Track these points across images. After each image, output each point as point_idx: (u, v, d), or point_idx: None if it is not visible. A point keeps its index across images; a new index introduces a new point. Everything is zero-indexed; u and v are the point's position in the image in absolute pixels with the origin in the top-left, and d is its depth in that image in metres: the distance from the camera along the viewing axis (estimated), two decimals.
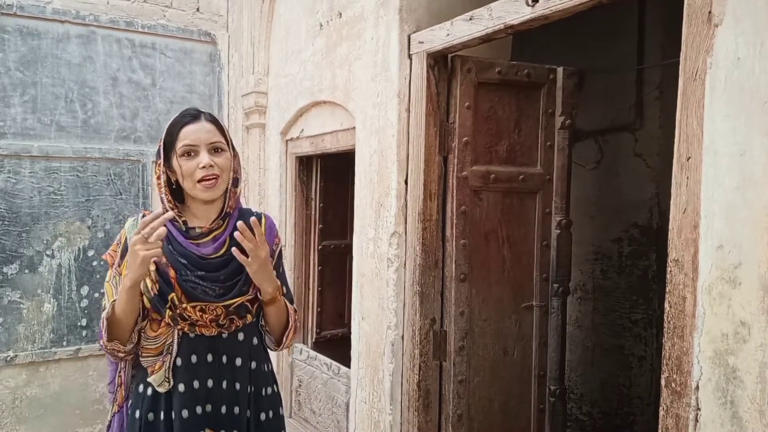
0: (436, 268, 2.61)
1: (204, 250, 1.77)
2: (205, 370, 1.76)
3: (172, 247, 1.75)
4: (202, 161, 1.71)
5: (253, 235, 1.70)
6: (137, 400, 1.78)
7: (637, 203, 3.82)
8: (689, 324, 1.52)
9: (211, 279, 1.75)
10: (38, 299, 3.49)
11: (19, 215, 3.41)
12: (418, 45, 2.55)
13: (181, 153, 1.72)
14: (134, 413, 1.78)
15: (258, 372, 1.86)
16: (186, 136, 1.72)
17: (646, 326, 3.78)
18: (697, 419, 1.49)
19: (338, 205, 3.76)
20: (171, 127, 1.77)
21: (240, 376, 1.81)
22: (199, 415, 1.74)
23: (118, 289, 1.72)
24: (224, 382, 1.78)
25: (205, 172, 1.71)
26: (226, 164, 1.77)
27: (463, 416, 2.60)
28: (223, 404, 1.78)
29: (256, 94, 3.73)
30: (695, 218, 1.52)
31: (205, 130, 1.75)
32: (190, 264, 1.74)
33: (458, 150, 2.56)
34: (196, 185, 1.73)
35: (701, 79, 1.51)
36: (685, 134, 1.56)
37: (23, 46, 3.40)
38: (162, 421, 1.74)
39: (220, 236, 1.81)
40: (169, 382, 1.73)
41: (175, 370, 1.74)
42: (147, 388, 1.76)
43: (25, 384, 3.48)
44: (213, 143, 1.74)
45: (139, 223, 1.70)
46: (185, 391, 1.74)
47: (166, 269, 1.72)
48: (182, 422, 1.72)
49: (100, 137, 3.61)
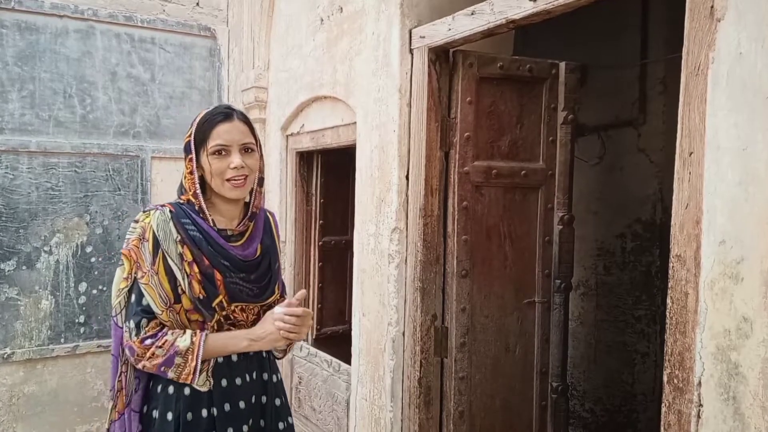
0: (437, 264, 2.59)
1: (241, 252, 1.79)
2: (243, 366, 1.79)
3: (214, 248, 1.74)
4: (234, 162, 1.72)
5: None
6: (168, 402, 1.73)
7: (640, 199, 3.80)
8: (691, 320, 1.51)
9: (248, 280, 1.78)
10: (36, 296, 3.47)
11: (16, 211, 3.39)
12: (419, 40, 2.53)
13: (213, 151, 1.72)
14: (165, 415, 1.73)
15: (272, 361, 1.93)
16: (219, 136, 1.73)
17: (649, 322, 3.77)
18: (699, 415, 1.47)
19: (339, 201, 3.74)
20: (202, 124, 1.75)
21: (265, 366, 1.87)
22: (242, 409, 1.77)
23: (158, 291, 1.69)
24: (254, 373, 1.83)
25: (236, 173, 1.72)
26: (256, 165, 1.79)
27: (464, 413, 2.59)
28: (254, 394, 1.82)
29: (257, 89, 3.71)
30: (697, 214, 1.50)
31: (239, 130, 1.76)
32: (233, 266, 1.75)
33: (460, 145, 2.54)
34: (224, 183, 1.73)
35: (704, 74, 1.49)
36: (687, 129, 1.55)
37: (21, 40, 3.38)
38: (204, 418, 1.73)
39: (252, 239, 1.84)
40: (211, 382, 1.73)
41: (216, 368, 1.75)
42: (182, 389, 1.72)
43: (23, 381, 3.46)
44: (245, 144, 1.76)
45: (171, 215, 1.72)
46: (228, 386, 1.76)
47: (211, 271, 1.71)
48: (225, 417, 1.74)
49: (98, 133, 3.59)
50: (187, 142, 1.77)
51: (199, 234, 1.73)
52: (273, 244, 1.90)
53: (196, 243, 1.72)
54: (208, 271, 1.71)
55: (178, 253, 1.69)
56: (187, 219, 1.74)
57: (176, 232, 1.70)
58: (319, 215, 3.67)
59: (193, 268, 1.69)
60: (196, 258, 1.70)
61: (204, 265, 1.70)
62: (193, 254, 1.70)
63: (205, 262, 1.71)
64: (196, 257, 1.70)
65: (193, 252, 1.70)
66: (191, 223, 1.74)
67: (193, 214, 1.75)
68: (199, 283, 1.69)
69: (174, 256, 1.69)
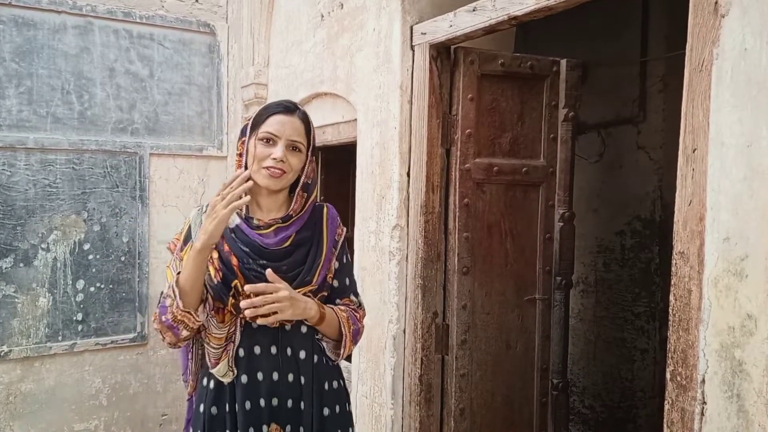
0: (438, 261, 2.59)
1: (267, 240, 1.75)
2: (268, 362, 1.74)
3: (235, 235, 1.74)
4: (276, 153, 1.70)
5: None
6: (201, 394, 1.78)
7: (640, 196, 3.80)
8: (695, 317, 1.51)
9: (273, 269, 1.70)
10: (33, 293, 3.46)
11: (14, 208, 3.38)
12: (420, 36, 2.52)
13: (261, 138, 1.72)
14: (198, 407, 1.77)
15: (321, 365, 1.82)
16: (271, 124, 1.73)
17: (648, 319, 3.77)
18: (702, 413, 1.47)
19: (339, 198, 3.72)
20: (263, 110, 1.78)
21: (304, 369, 1.78)
22: (263, 408, 1.73)
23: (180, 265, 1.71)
24: (290, 375, 1.76)
25: (274, 164, 1.70)
26: (298, 165, 1.76)
27: (465, 410, 2.58)
28: (289, 398, 1.76)
29: (256, 86, 3.69)
30: (701, 210, 1.50)
31: (293, 126, 1.74)
32: (253, 252, 1.72)
33: (461, 142, 2.54)
34: (261, 170, 1.71)
35: (707, 70, 1.48)
36: (690, 126, 1.54)
37: (18, 36, 3.36)
38: (227, 413, 1.73)
39: (285, 229, 1.78)
40: (234, 372, 1.72)
41: (238, 361, 1.73)
42: (210, 381, 1.75)
43: (20, 379, 3.45)
44: (294, 140, 1.74)
45: (206, 209, 1.71)
46: (248, 382, 1.73)
47: (229, 257, 1.71)
48: (245, 414, 1.71)
49: (96, 129, 3.57)
50: (244, 126, 1.80)
51: None
52: (317, 235, 1.82)
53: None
54: (227, 256, 1.71)
55: None
56: None
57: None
58: None
59: (212, 254, 1.69)
60: (217, 245, 1.70)
61: (224, 252, 1.71)
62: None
63: (225, 248, 1.72)
64: (218, 245, 1.70)
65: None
66: None
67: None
68: (217, 269, 1.69)
69: None
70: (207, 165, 3.85)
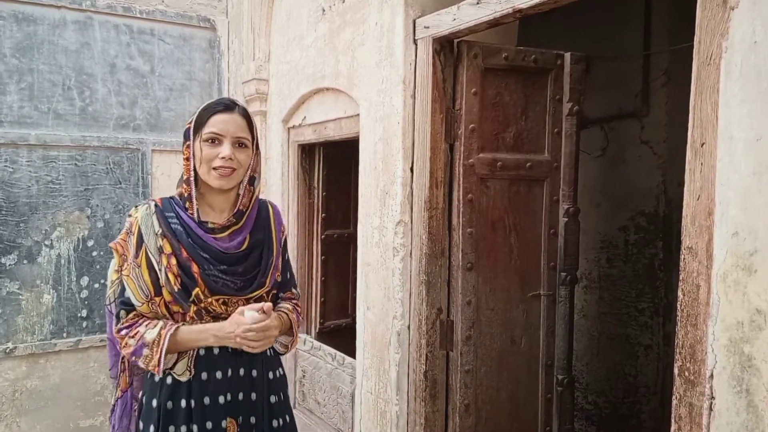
0: (442, 257, 2.57)
1: (224, 244, 1.78)
2: (225, 360, 1.79)
3: (193, 240, 1.75)
4: (224, 152, 1.73)
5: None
6: (153, 389, 1.79)
7: (643, 191, 3.78)
8: (703, 312, 1.50)
9: (231, 273, 1.77)
10: (37, 290, 3.45)
11: (16, 205, 3.36)
12: (423, 30, 2.51)
13: (206, 138, 1.74)
14: (150, 402, 1.78)
15: (267, 357, 1.90)
16: (215, 124, 1.74)
17: (652, 315, 3.76)
18: (711, 408, 1.46)
19: (341, 194, 3.72)
20: (203, 112, 1.78)
21: (256, 362, 1.85)
22: (221, 404, 1.77)
23: (139, 283, 1.73)
24: (241, 369, 1.82)
25: (223, 163, 1.73)
26: (246, 161, 1.79)
27: (470, 406, 2.58)
28: (241, 391, 1.81)
29: (257, 81, 3.68)
30: (709, 205, 1.48)
31: (236, 122, 1.76)
32: (213, 258, 1.75)
33: (465, 137, 2.52)
34: (210, 172, 1.74)
35: (716, 63, 1.47)
36: (699, 120, 1.52)
37: (19, 32, 3.34)
38: (183, 408, 1.75)
39: (239, 232, 1.83)
40: (191, 372, 1.75)
41: (198, 360, 1.76)
42: (165, 377, 1.77)
43: (25, 376, 3.45)
44: (239, 137, 1.76)
45: (154, 208, 1.77)
46: (207, 380, 1.77)
47: (189, 263, 1.72)
48: (203, 410, 1.74)
49: (98, 125, 3.55)
50: (187, 129, 1.80)
51: (180, 226, 1.75)
52: (267, 236, 1.89)
53: (176, 235, 1.74)
54: (186, 263, 1.72)
55: (157, 246, 1.73)
56: (171, 212, 1.78)
57: (158, 225, 1.74)
58: (321, 208, 3.64)
59: (170, 260, 1.71)
60: (174, 250, 1.72)
61: (182, 257, 1.72)
62: (172, 246, 1.72)
63: (184, 254, 1.72)
64: (175, 249, 1.72)
65: (172, 244, 1.73)
66: (174, 216, 1.77)
67: (178, 208, 1.79)
68: (176, 275, 1.71)
69: (153, 249, 1.73)
70: None
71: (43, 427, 3.49)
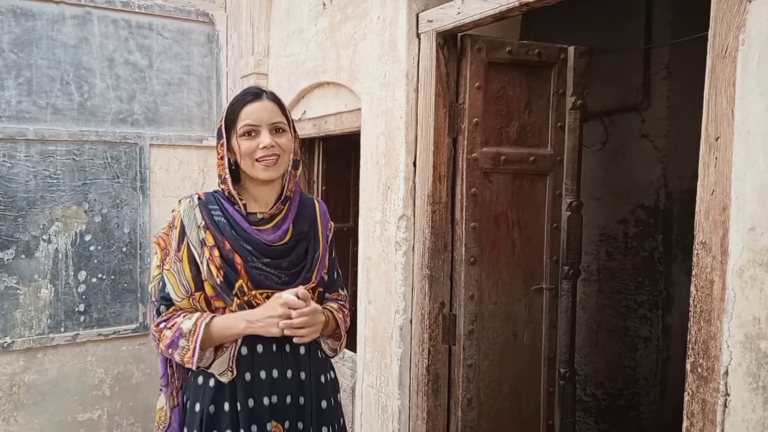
0: (445, 251, 2.57)
1: (268, 236, 1.73)
2: (270, 360, 1.73)
3: (236, 233, 1.71)
4: (263, 141, 1.68)
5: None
6: (197, 392, 1.73)
7: (643, 184, 3.78)
8: (717, 308, 1.49)
9: (275, 266, 1.72)
10: (35, 285, 3.42)
11: (14, 199, 3.33)
12: (426, 24, 2.49)
13: (242, 133, 1.69)
14: (194, 407, 1.73)
15: (316, 359, 1.83)
16: (247, 116, 1.69)
17: (651, 307, 3.77)
18: (726, 404, 1.46)
19: (341, 188, 3.70)
20: (232, 106, 1.73)
21: (304, 365, 1.78)
22: (266, 406, 1.70)
23: (179, 278, 1.70)
24: (289, 371, 1.75)
25: (266, 152, 1.68)
26: (288, 145, 1.74)
27: (472, 400, 2.58)
28: (288, 394, 1.74)
29: (257, 76, 3.64)
30: (724, 200, 1.47)
31: (267, 109, 1.71)
32: (256, 251, 1.70)
33: (468, 131, 2.51)
34: (255, 164, 1.69)
35: (732, 56, 1.45)
36: (713, 113, 1.51)
37: (17, 27, 3.30)
38: (227, 412, 1.69)
39: (282, 223, 1.77)
40: (232, 372, 1.69)
41: (240, 360, 1.70)
42: (208, 379, 1.72)
43: (23, 370, 3.42)
44: (275, 123, 1.71)
45: (197, 201, 1.72)
46: (251, 381, 1.70)
47: (232, 256, 1.68)
48: (248, 413, 1.68)
49: (96, 120, 3.52)
50: (219, 128, 1.75)
51: (223, 219, 1.71)
52: (314, 231, 1.83)
53: (219, 227, 1.70)
54: (229, 255, 1.67)
55: (200, 239, 1.68)
56: (215, 205, 1.73)
57: (201, 218, 1.70)
58: None
59: (213, 252, 1.66)
60: (218, 243, 1.68)
61: (225, 250, 1.68)
62: (215, 239, 1.68)
63: (227, 246, 1.68)
64: (218, 242, 1.68)
65: (215, 236, 1.68)
66: (218, 209, 1.73)
67: (222, 200, 1.75)
68: (218, 267, 1.66)
69: (195, 242, 1.68)
70: (207, 155, 3.80)
71: (40, 421, 3.48)
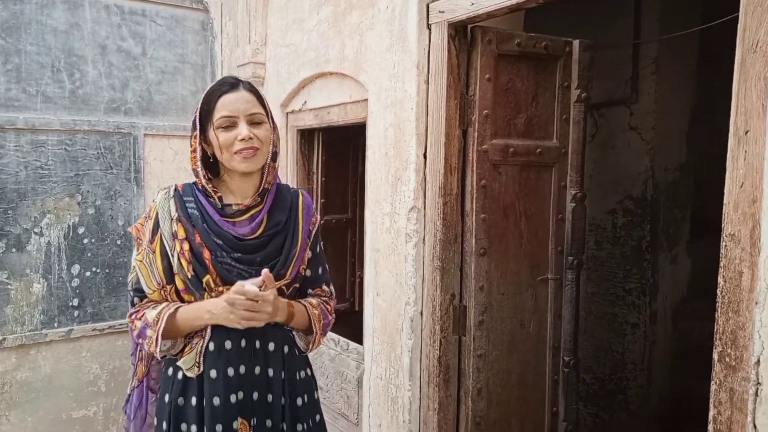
0: (455, 242, 2.59)
1: (240, 230, 1.69)
2: (237, 356, 1.69)
3: (208, 226, 1.67)
4: (242, 133, 1.64)
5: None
6: (166, 384, 1.73)
7: (632, 176, 3.88)
8: (746, 298, 1.54)
9: (247, 261, 1.68)
10: (27, 279, 3.32)
11: (4, 191, 3.23)
12: (438, 15, 2.49)
13: (219, 125, 1.65)
14: (163, 397, 1.73)
15: (291, 356, 1.80)
16: (224, 107, 1.65)
17: (639, 295, 3.88)
18: (757, 393, 1.50)
19: (339, 179, 3.69)
20: (208, 97, 1.68)
21: (273, 361, 1.74)
22: (233, 403, 1.67)
23: (151, 270, 1.68)
24: (257, 368, 1.71)
25: (244, 145, 1.64)
26: (267, 136, 1.70)
27: (482, 390, 2.61)
28: (255, 391, 1.71)
29: (254, 65, 3.59)
30: (754, 192, 1.52)
31: (245, 100, 1.67)
32: (226, 245, 1.66)
33: (478, 123, 2.53)
34: (233, 157, 1.65)
35: (762, 50, 1.49)
36: (743, 107, 1.54)
37: (4, 11, 3.17)
38: (193, 407, 1.68)
39: (257, 215, 1.73)
40: (199, 367, 1.67)
41: (207, 355, 1.67)
42: (177, 372, 1.71)
43: (15, 368, 3.33)
44: (252, 114, 1.67)
45: (173, 192, 1.71)
46: (218, 377, 1.67)
47: (201, 249, 1.64)
48: (213, 410, 1.66)
49: (88, 109, 3.42)
50: (194, 119, 1.71)
51: (196, 211, 1.68)
52: (293, 224, 1.78)
53: (191, 220, 1.68)
54: (199, 249, 1.65)
55: (172, 231, 1.66)
56: (190, 197, 1.70)
57: (174, 209, 1.68)
58: (320, 194, 3.61)
59: (183, 246, 1.64)
60: (189, 235, 1.65)
61: (195, 243, 1.65)
62: (186, 231, 1.66)
63: (197, 239, 1.65)
64: (189, 234, 1.66)
65: (186, 229, 1.66)
66: (193, 201, 1.70)
67: (198, 193, 1.71)
68: (188, 261, 1.64)
69: (167, 234, 1.66)
70: None
71: (34, 420, 3.39)
